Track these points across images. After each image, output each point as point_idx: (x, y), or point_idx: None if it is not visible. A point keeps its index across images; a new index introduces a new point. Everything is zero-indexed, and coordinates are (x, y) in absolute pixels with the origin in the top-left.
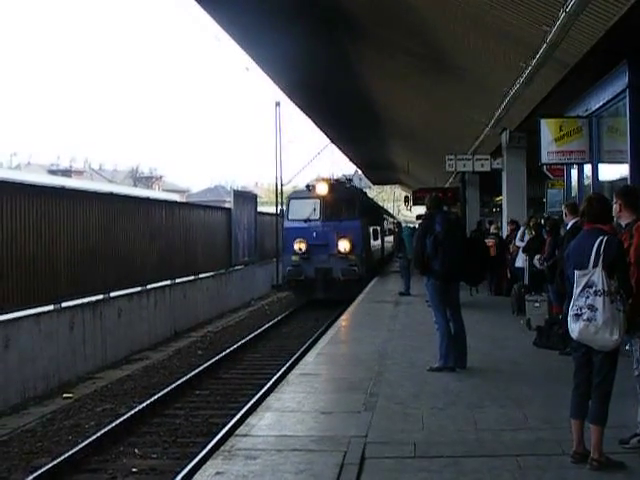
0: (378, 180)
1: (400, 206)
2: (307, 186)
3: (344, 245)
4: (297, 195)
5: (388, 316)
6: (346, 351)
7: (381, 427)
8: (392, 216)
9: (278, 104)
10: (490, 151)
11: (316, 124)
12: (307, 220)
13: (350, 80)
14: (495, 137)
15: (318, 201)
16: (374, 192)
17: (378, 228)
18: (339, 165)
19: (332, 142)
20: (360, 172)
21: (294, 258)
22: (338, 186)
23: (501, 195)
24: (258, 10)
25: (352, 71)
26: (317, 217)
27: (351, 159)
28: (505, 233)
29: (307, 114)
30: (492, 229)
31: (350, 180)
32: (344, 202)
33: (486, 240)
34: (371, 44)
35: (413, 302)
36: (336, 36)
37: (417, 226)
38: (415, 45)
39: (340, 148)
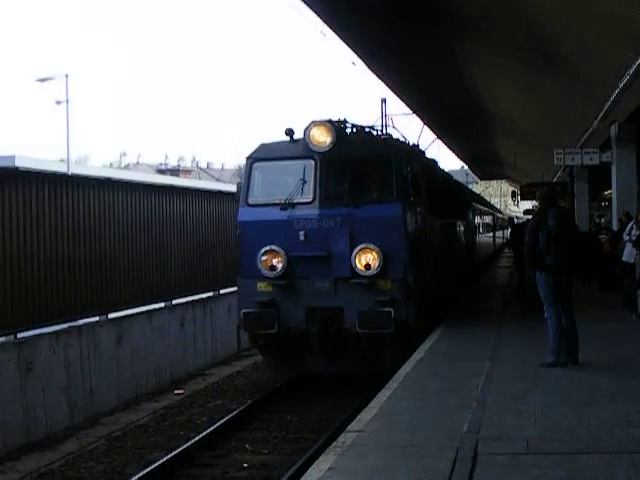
0: (484, 175)
1: (507, 201)
2: (288, 133)
3: (367, 258)
4: (266, 154)
5: (497, 312)
6: (455, 348)
7: (493, 423)
8: (494, 208)
9: (384, 100)
10: (599, 144)
11: (422, 120)
12: (286, 205)
13: (455, 75)
14: (604, 130)
15: (311, 164)
16: (481, 187)
17: (461, 224)
18: (445, 161)
19: (438, 138)
20: (466, 167)
21: (261, 286)
22: (357, 135)
23: (610, 189)
24: (364, 7)
25: (457, 66)
26: (309, 198)
27: (457, 154)
28: (615, 227)
29: (413, 110)
30: (603, 223)
31: (412, 142)
32: (370, 167)
33: (600, 236)
34: (477, 39)
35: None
36: (442, 32)
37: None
38: (521, 38)
39: (446, 144)
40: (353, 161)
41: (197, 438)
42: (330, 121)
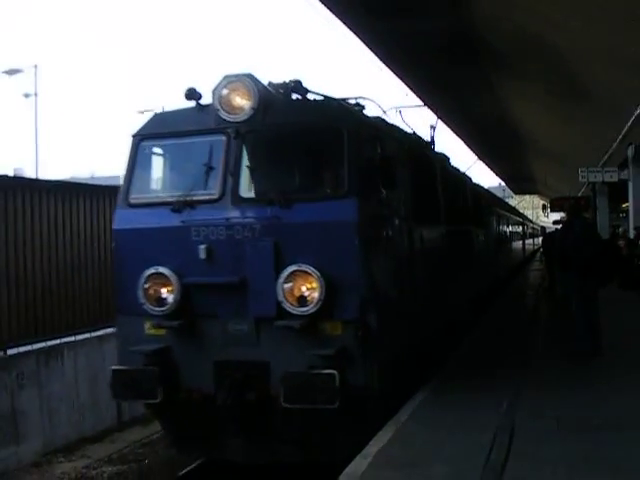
0: (520, 190)
1: (538, 212)
2: (191, 96)
3: (302, 286)
4: (160, 128)
5: (530, 311)
6: (488, 347)
7: (531, 399)
8: (524, 217)
9: (433, 128)
10: (618, 163)
11: (465, 142)
12: (180, 205)
13: (492, 103)
14: (622, 151)
15: (221, 141)
16: (515, 200)
17: (477, 233)
18: (485, 178)
19: (479, 159)
20: (504, 183)
21: (149, 329)
22: (291, 99)
23: (627, 202)
24: (414, 47)
25: (494, 95)
26: (214, 193)
27: (496, 173)
28: (632, 235)
29: (457, 134)
30: (620, 231)
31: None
32: (310, 145)
33: (619, 242)
34: (512, 72)
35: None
36: (481, 65)
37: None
38: (551, 73)
39: (486, 163)
40: (283, 136)
41: None
42: (252, 77)
